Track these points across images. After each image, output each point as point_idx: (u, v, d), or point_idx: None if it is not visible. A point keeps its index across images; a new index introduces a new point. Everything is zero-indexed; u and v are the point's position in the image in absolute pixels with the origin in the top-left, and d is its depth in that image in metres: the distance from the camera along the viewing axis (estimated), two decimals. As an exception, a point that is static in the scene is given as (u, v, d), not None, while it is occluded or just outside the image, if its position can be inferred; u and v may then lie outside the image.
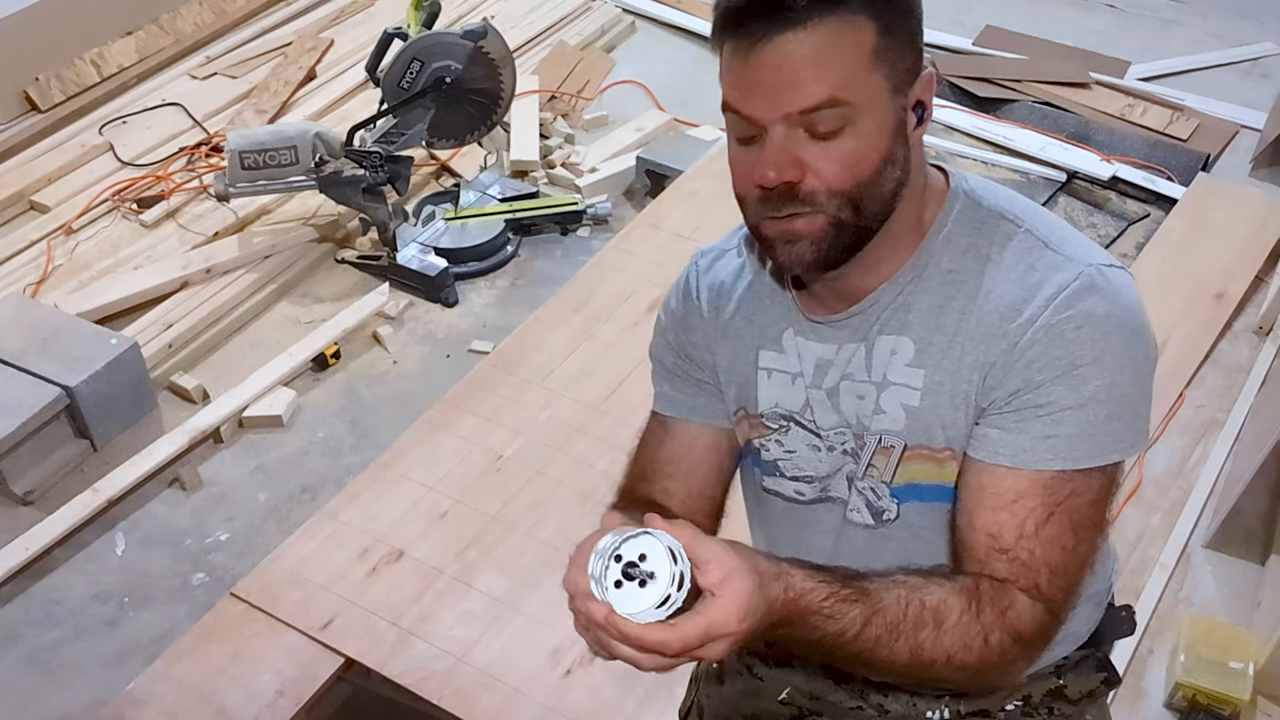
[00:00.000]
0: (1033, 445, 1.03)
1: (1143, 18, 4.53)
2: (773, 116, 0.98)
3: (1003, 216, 1.08)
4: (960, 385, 1.06)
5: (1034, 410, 1.02)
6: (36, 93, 3.88)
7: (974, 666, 1.02)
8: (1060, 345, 1.01)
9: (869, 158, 0.99)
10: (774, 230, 1.03)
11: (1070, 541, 1.04)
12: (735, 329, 1.19)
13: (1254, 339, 3.03)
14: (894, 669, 1.01)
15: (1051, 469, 1.02)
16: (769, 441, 1.20)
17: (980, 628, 1.01)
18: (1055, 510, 1.03)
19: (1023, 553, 1.03)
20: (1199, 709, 2.17)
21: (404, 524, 2.55)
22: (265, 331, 3.20)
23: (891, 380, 1.09)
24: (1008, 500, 1.03)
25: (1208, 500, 2.59)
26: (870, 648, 0.98)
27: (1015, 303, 1.04)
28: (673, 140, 3.73)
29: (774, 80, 0.96)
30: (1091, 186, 3.62)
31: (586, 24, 4.35)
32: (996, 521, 1.04)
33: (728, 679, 1.39)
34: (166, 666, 2.28)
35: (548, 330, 3.04)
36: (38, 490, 2.72)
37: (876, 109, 0.99)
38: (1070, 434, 1.02)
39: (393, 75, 3.11)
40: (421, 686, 2.22)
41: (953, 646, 1.00)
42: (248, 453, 2.85)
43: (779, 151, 0.98)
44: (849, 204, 1.00)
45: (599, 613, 0.90)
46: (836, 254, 1.04)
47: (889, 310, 1.09)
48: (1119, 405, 1.02)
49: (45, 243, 3.37)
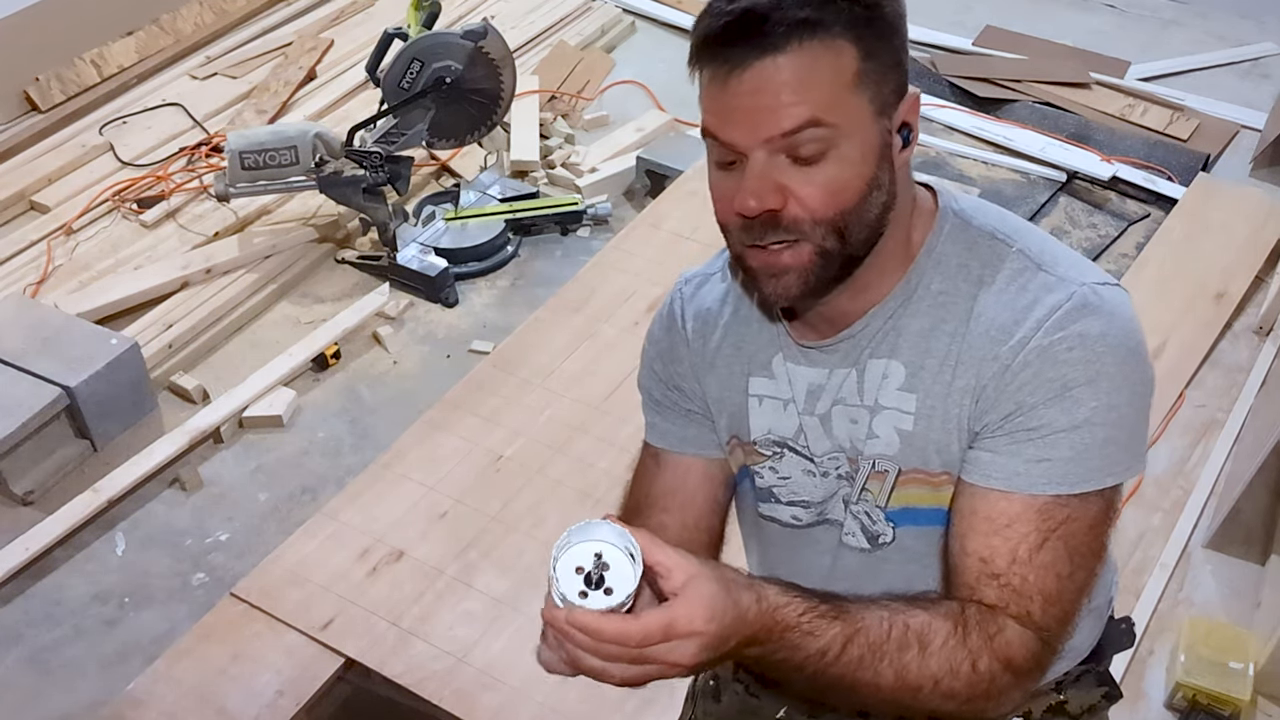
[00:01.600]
0: (1026, 469, 1.00)
1: (1143, 18, 4.53)
2: (753, 141, 0.95)
3: (994, 236, 1.06)
4: (952, 409, 1.04)
5: (1027, 433, 1.00)
6: (37, 93, 3.88)
7: (963, 694, 0.99)
8: (1053, 367, 0.99)
9: (853, 184, 0.97)
10: (759, 262, 1.01)
11: (1066, 569, 1.01)
12: (723, 357, 1.17)
13: (1254, 339, 3.03)
14: (879, 695, 0.98)
15: (1046, 494, 1.00)
16: (763, 468, 1.18)
17: (967, 652, 0.98)
18: (1050, 536, 1.00)
19: (1014, 579, 1.00)
20: (1199, 709, 2.17)
21: (404, 524, 2.55)
22: (265, 332, 3.20)
23: (884, 405, 1.07)
24: (1000, 525, 1.01)
25: (1208, 500, 2.59)
26: (853, 670, 0.96)
27: (1007, 325, 1.02)
28: (673, 140, 3.73)
29: (753, 105, 0.94)
30: (1091, 187, 3.62)
31: (587, 24, 4.35)
32: (988, 546, 1.01)
33: (725, 696, 1.37)
34: (166, 667, 2.28)
35: (548, 330, 3.04)
36: (38, 490, 2.72)
37: (860, 132, 0.96)
38: (1064, 457, 1.00)
39: (393, 75, 3.11)
40: (422, 687, 2.22)
41: (939, 671, 0.97)
42: (248, 453, 2.85)
43: (760, 179, 0.96)
44: (834, 232, 0.98)
45: (559, 617, 0.89)
46: (824, 284, 1.02)
47: (880, 334, 1.07)
48: (1115, 428, 1.00)
49: (45, 243, 3.37)
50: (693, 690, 1.44)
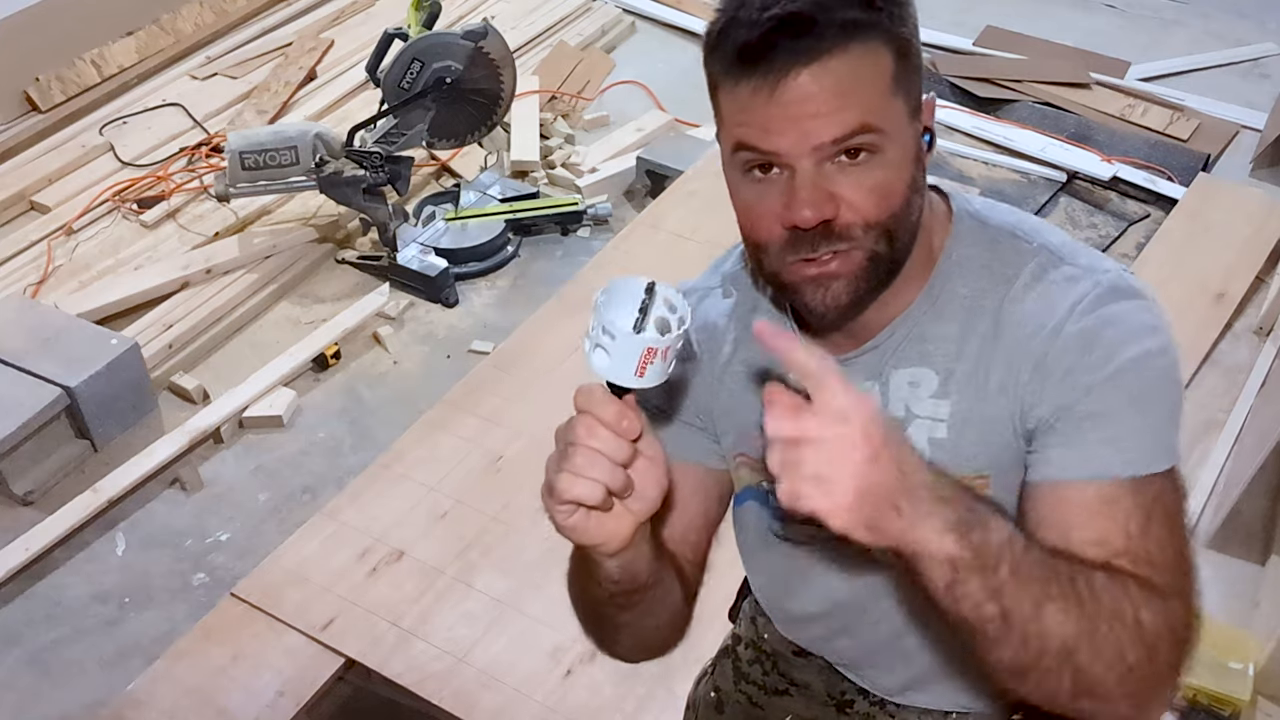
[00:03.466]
0: (1098, 453, 0.96)
1: (1143, 18, 4.53)
2: (801, 150, 0.92)
3: (1014, 235, 1.05)
4: (989, 410, 1.02)
5: (1090, 418, 0.97)
6: (37, 93, 3.88)
7: (1132, 655, 0.88)
8: (1096, 348, 0.97)
9: (898, 187, 0.95)
10: (805, 274, 0.97)
11: (1179, 540, 0.96)
12: (734, 373, 1.14)
13: (1254, 339, 3.03)
14: (1064, 628, 0.86)
15: (1126, 475, 0.96)
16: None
17: (1129, 602, 0.89)
18: (1151, 511, 0.95)
19: (1139, 550, 0.94)
20: (1199, 709, 2.17)
21: (404, 524, 2.55)
22: (265, 332, 3.20)
23: (916, 414, 1.05)
24: (1098, 508, 0.95)
25: (1208, 500, 2.59)
26: (1040, 576, 0.86)
27: (1038, 318, 1.00)
28: (673, 140, 3.73)
29: (800, 113, 0.91)
30: (1092, 187, 3.62)
31: (587, 24, 4.35)
32: (1097, 529, 0.94)
33: (728, 708, 1.36)
34: (167, 667, 2.28)
35: (548, 331, 3.04)
36: (38, 490, 2.72)
37: (901, 135, 0.95)
38: (1133, 432, 0.97)
39: (393, 76, 3.11)
40: (422, 687, 2.22)
41: (1111, 609, 0.88)
42: (248, 453, 2.85)
43: (812, 189, 0.92)
44: (884, 236, 0.96)
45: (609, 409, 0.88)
46: (871, 292, 0.99)
47: (904, 343, 1.05)
48: (1171, 401, 0.99)
49: (46, 243, 3.37)
50: (693, 700, 1.42)
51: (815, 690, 1.26)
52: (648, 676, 2.19)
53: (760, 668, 1.32)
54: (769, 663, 1.31)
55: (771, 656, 1.31)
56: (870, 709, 1.22)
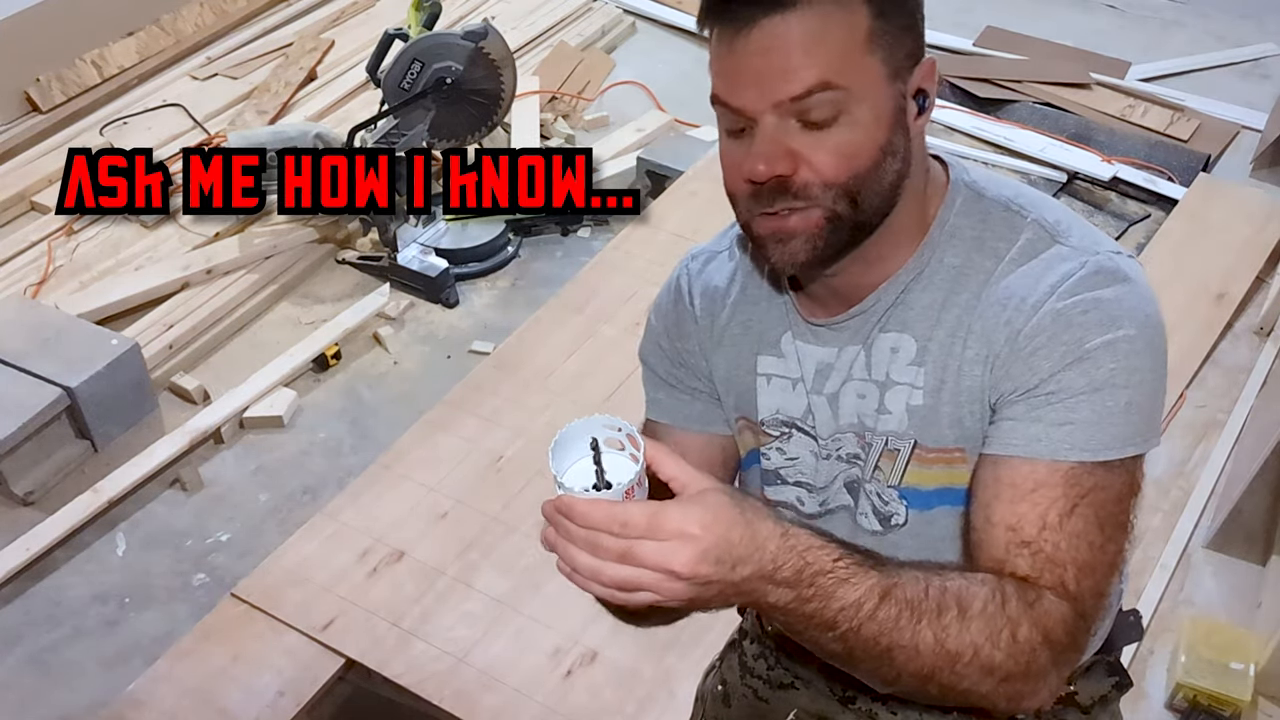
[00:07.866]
0: (1048, 433, 0.97)
1: (1143, 18, 4.53)
2: (762, 106, 0.93)
3: (1008, 207, 1.05)
4: (964, 381, 1.02)
5: (1046, 398, 0.97)
6: (37, 93, 3.88)
7: (1002, 668, 0.92)
8: (1068, 330, 0.96)
9: (866, 148, 0.95)
10: (766, 228, 0.99)
11: (1097, 539, 0.96)
12: (731, 335, 1.16)
13: (1255, 339, 3.03)
14: (916, 663, 0.91)
15: (1070, 459, 0.96)
16: (771, 449, 1.16)
17: (1007, 619, 0.92)
18: (1079, 503, 0.96)
19: (1046, 545, 0.95)
20: (1200, 710, 2.17)
21: (405, 525, 2.55)
22: (266, 332, 3.20)
23: (895, 380, 1.06)
24: (1026, 491, 0.97)
25: (1208, 501, 2.59)
26: (890, 630, 0.89)
27: (1020, 293, 1.00)
28: (673, 141, 3.73)
29: (763, 66, 0.92)
30: (1092, 187, 3.63)
31: (587, 25, 4.35)
32: (1015, 513, 0.96)
33: (734, 701, 1.36)
34: (167, 667, 2.28)
35: (548, 331, 3.04)
36: (38, 491, 2.72)
37: (873, 96, 0.94)
38: (1087, 420, 0.96)
39: (393, 76, 3.11)
40: (422, 687, 2.22)
41: (979, 637, 0.91)
42: (248, 453, 2.85)
43: (770, 143, 0.94)
44: (845, 197, 0.96)
45: (548, 505, 0.87)
46: (832, 251, 0.99)
47: (889, 309, 1.05)
48: (1135, 391, 0.97)
49: (46, 243, 3.37)
50: (701, 692, 1.44)
51: (819, 684, 1.26)
52: (648, 678, 2.19)
53: (765, 661, 1.32)
54: (774, 656, 1.31)
55: (776, 650, 1.31)
56: (873, 705, 1.22)
